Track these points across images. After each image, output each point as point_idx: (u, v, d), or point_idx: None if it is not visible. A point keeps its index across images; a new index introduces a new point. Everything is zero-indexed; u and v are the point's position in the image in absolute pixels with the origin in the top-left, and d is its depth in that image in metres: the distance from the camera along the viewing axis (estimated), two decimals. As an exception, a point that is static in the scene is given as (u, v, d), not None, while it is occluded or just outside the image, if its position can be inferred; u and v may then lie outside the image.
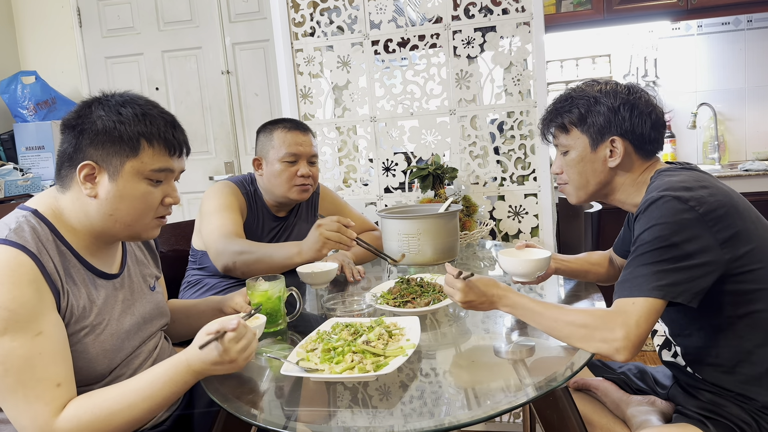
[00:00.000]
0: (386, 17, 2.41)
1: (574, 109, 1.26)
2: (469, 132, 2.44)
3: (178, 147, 1.12)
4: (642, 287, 1.06)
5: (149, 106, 1.11)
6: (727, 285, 1.10)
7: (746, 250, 1.09)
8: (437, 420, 0.91)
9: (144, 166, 1.08)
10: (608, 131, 1.23)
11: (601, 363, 1.46)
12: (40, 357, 0.96)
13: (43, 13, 3.40)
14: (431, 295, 1.41)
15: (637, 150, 1.24)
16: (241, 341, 1.00)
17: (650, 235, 1.08)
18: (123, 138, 1.06)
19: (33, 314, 0.96)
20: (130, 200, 1.08)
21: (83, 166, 1.06)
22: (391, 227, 1.87)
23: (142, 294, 1.24)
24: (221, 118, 3.34)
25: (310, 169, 1.86)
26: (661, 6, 2.92)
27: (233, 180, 1.93)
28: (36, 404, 0.95)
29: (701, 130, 3.31)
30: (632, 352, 1.05)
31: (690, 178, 1.14)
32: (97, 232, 1.11)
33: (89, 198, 1.07)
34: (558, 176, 1.35)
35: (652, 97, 1.26)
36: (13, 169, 2.83)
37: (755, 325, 1.11)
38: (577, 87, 1.29)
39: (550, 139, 1.33)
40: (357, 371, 1.03)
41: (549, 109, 1.33)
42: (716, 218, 1.07)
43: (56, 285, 1.01)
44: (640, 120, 1.21)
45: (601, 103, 1.23)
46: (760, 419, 1.10)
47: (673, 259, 1.06)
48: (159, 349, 1.27)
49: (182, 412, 1.28)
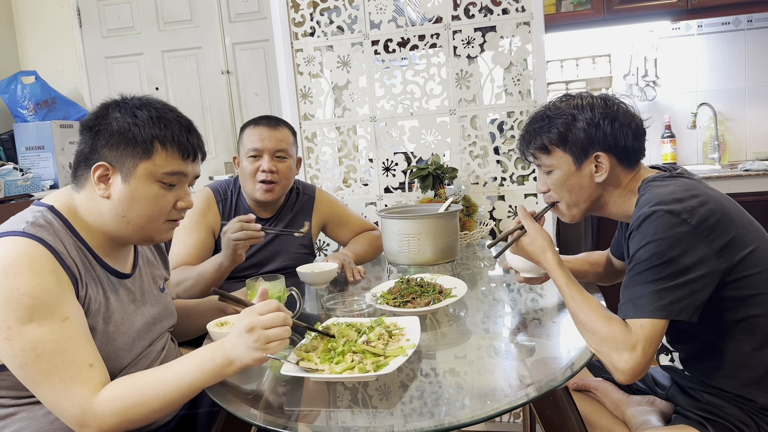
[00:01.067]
0: (386, 17, 2.41)
1: (553, 129, 1.23)
2: (469, 132, 2.44)
3: (192, 151, 1.13)
4: (646, 308, 1.06)
5: (165, 110, 1.12)
6: (725, 292, 1.10)
7: (741, 256, 1.09)
8: (437, 420, 0.91)
9: (157, 168, 1.09)
10: (591, 147, 1.21)
11: (600, 363, 1.46)
12: (70, 340, 0.98)
13: (43, 13, 3.40)
14: (431, 295, 1.41)
15: (621, 162, 1.22)
16: (267, 316, 1.01)
17: (646, 252, 1.07)
18: (137, 140, 1.07)
19: (58, 300, 0.98)
20: (141, 202, 1.09)
21: (98, 166, 1.07)
22: (391, 227, 1.87)
23: (153, 295, 1.25)
24: (221, 118, 3.34)
25: (275, 164, 1.80)
26: (661, 6, 2.92)
27: (213, 186, 1.92)
28: (72, 385, 0.97)
29: (701, 130, 3.31)
30: (633, 379, 1.06)
31: (679, 188, 1.12)
32: (110, 234, 1.12)
33: (103, 199, 1.09)
34: (545, 194, 1.33)
35: (629, 106, 1.23)
36: (13, 169, 2.83)
37: (753, 329, 1.11)
38: (551, 105, 1.27)
39: (531, 160, 1.31)
40: (357, 371, 1.03)
41: (525, 130, 1.30)
42: (709, 228, 1.06)
43: (74, 274, 1.03)
44: (621, 132, 1.20)
45: (579, 120, 1.21)
46: (759, 420, 1.10)
47: (672, 275, 1.05)
48: (166, 350, 1.28)
49: (187, 412, 1.29)
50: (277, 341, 1.01)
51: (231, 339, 1.02)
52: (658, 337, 1.06)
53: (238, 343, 1.01)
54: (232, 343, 1.02)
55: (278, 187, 1.82)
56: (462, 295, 1.41)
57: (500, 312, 1.46)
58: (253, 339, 0.99)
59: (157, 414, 1.01)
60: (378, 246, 2.01)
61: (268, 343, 1.00)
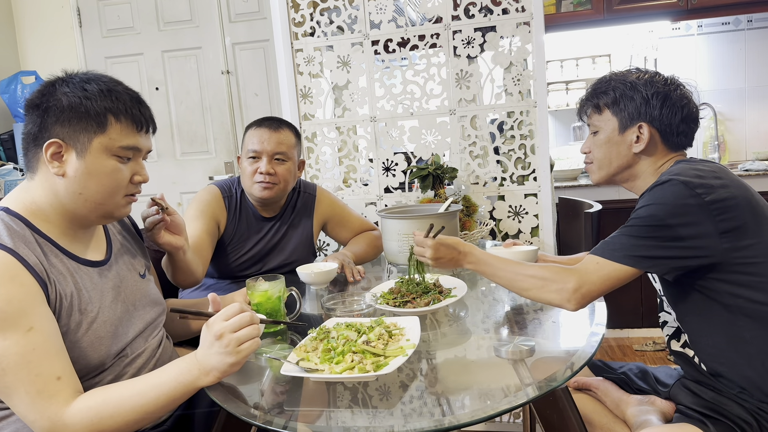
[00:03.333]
0: (386, 17, 2.41)
1: (610, 91, 1.29)
2: (469, 132, 2.44)
3: (145, 123, 1.11)
4: (615, 254, 1.11)
5: (113, 83, 1.10)
6: (727, 274, 1.11)
7: (750, 243, 1.10)
8: (437, 420, 0.91)
9: (112, 142, 1.07)
10: (637, 117, 1.25)
11: (601, 363, 1.46)
12: (35, 352, 0.95)
13: (43, 13, 3.40)
14: (431, 295, 1.41)
15: (664, 139, 1.26)
16: (233, 319, 1.00)
17: (646, 212, 1.11)
18: (90, 114, 1.05)
19: (20, 311, 0.95)
20: (98, 177, 1.07)
21: (50, 144, 1.04)
22: (391, 227, 1.87)
23: (132, 281, 1.23)
24: (221, 118, 3.34)
25: (274, 166, 1.81)
26: (661, 6, 2.92)
27: (218, 183, 1.92)
28: (39, 399, 0.95)
29: (701, 130, 3.31)
30: (580, 304, 1.11)
31: (707, 168, 1.16)
32: (69, 215, 1.09)
33: (57, 177, 1.06)
34: (585, 155, 1.38)
35: (688, 91, 1.28)
36: (13, 169, 2.83)
37: (756, 315, 1.11)
38: (618, 71, 1.33)
39: (584, 119, 1.37)
40: (357, 371, 1.03)
41: (588, 89, 1.36)
42: (722, 208, 1.08)
43: (42, 277, 1.00)
44: (671, 111, 1.24)
45: (636, 90, 1.26)
46: (760, 418, 1.10)
47: (661, 239, 1.08)
48: (162, 349, 1.26)
49: (183, 412, 1.28)
50: (249, 341, 1.00)
51: (202, 350, 1.01)
52: (611, 280, 1.11)
53: (210, 353, 1.00)
54: (204, 354, 1.01)
55: (277, 187, 1.82)
56: (462, 295, 1.41)
57: (500, 312, 1.46)
58: (224, 345, 0.99)
59: (131, 426, 1.00)
60: (378, 246, 2.01)
61: (240, 345, 0.99)
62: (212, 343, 1.00)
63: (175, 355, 1.31)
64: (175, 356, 1.30)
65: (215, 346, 1.00)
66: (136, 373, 1.16)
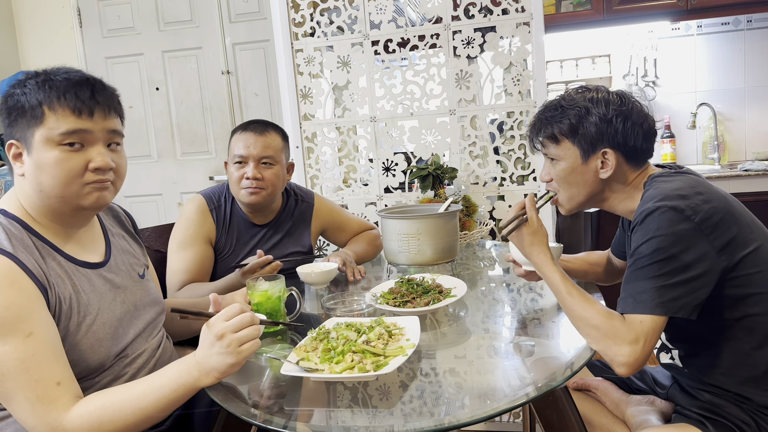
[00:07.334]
0: (386, 17, 2.41)
1: (565, 119, 1.22)
2: (469, 132, 2.44)
3: (86, 106, 1.05)
4: (646, 304, 1.06)
5: (57, 73, 1.07)
6: (725, 290, 1.10)
7: (743, 255, 1.09)
8: (437, 420, 0.91)
9: (51, 131, 1.04)
10: (600, 142, 1.20)
11: (601, 363, 1.46)
12: (34, 358, 0.95)
13: (43, 13, 3.40)
14: (431, 295, 1.41)
15: (629, 160, 1.22)
16: (234, 319, 1.00)
17: (648, 248, 1.07)
18: (25, 108, 1.04)
19: (20, 316, 0.95)
20: (47, 170, 1.04)
21: (9, 146, 1.06)
22: (391, 227, 1.88)
23: (132, 282, 1.23)
24: (221, 118, 3.34)
25: (261, 171, 1.74)
26: (660, 6, 2.92)
27: (205, 193, 1.86)
28: (38, 404, 0.95)
29: (701, 130, 3.31)
30: (633, 371, 1.06)
31: (685, 184, 1.13)
32: (48, 213, 1.09)
33: (21, 177, 1.07)
34: (548, 183, 1.32)
35: (644, 106, 1.23)
36: (13, 169, 2.83)
37: (753, 328, 1.11)
38: (566, 95, 1.26)
39: (539, 148, 1.30)
40: (357, 371, 1.03)
41: (537, 117, 1.29)
42: (712, 226, 1.07)
43: (41, 281, 1.00)
44: (633, 131, 1.19)
45: (592, 114, 1.20)
46: (759, 419, 1.11)
47: (673, 272, 1.06)
48: (162, 349, 1.27)
49: (183, 412, 1.28)
50: (250, 342, 1.01)
51: (202, 351, 1.01)
52: (657, 333, 1.06)
53: (210, 353, 1.00)
54: (204, 355, 1.01)
55: (264, 192, 1.76)
56: (462, 295, 1.41)
57: (500, 312, 1.46)
58: (225, 345, 0.99)
59: (132, 430, 1.00)
60: (377, 245, 2.01)
61: (241, 346, 1.00)
62: (213, 344, 1.00)
63: (175, 355, 1.31)
64: (175, 356, 1.30)
65: (216, 347, 1.00)
66: (135, 373, 1.16)
